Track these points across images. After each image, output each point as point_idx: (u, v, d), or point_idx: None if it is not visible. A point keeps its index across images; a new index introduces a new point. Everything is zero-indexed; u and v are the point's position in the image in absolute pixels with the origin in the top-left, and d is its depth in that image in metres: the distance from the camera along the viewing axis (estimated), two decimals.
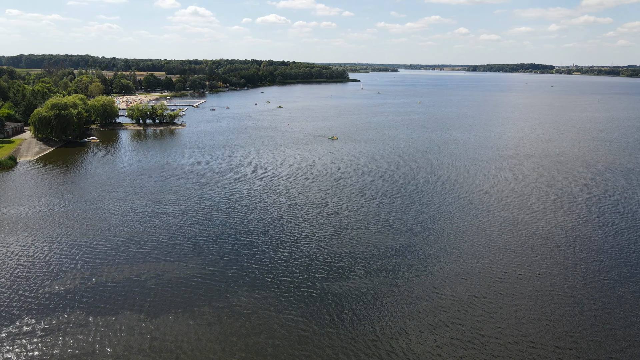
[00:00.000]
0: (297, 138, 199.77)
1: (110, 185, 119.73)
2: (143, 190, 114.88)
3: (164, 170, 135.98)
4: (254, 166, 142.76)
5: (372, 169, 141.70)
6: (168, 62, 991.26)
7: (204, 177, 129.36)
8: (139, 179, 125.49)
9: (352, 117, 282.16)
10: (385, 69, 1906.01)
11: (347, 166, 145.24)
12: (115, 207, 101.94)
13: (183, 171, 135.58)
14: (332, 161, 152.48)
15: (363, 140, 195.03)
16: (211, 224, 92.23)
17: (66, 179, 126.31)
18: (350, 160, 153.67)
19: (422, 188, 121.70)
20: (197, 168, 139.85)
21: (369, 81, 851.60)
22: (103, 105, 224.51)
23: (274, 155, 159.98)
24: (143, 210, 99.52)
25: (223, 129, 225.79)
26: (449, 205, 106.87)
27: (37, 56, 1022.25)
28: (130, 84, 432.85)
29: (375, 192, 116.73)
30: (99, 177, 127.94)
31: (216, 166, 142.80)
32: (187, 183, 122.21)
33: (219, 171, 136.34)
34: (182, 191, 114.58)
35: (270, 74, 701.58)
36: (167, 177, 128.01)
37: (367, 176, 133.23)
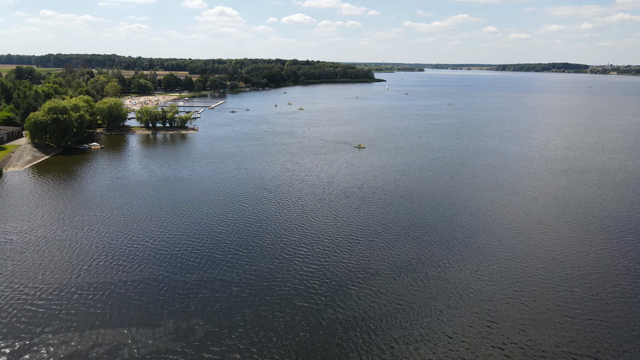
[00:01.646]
0: (316, 146, 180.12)
1: (95, 204, 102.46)
2: (126, 213, 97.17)
3: (159, 187, 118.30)
4: (262, 183, 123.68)
5: (400, 189, 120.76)
6: (192, 61, 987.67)
7: (201, 196, 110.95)
8: (125, 198, 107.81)
9: (378, 121, 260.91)
10: (411, 69, 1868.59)
11: (371, 184, 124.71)
12: (92, 234, 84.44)
13: (180, 188, 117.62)
14: (353, 176, 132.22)
15: (389, 150, 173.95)
16: (197, 262, 73.59)
17: (51, 195, 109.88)
18: (374, 176, 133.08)
19: (462, 216, 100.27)
20: (196, 185, 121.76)
21: (395, 81, 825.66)
22: (110, 107, 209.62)
23: (287, 168, 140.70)
24: (122, 239, 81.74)
25: (237, 134, 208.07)
26: (498, 241, 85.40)
27: (65, 55, 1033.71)
28: (149, 84, 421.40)
29: (404, 222, 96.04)
30: (85, 194, 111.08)
31: (219, 182, 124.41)
32: (180, 204, 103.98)
33: (221, 188, 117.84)
34: (170, 215, 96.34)
35: (294, 74, 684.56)
36: (159, 197, 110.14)
37: (394, 198, 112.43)
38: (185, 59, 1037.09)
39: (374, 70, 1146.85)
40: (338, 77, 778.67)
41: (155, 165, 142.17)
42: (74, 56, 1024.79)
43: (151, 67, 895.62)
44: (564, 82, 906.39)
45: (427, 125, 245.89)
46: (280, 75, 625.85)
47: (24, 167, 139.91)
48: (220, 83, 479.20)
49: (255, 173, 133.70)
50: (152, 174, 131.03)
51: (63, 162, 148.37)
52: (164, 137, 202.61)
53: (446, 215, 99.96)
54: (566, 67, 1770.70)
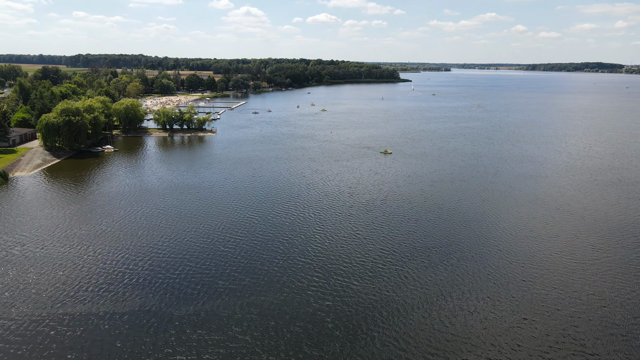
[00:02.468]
0: (337, 151, 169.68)
1: (94, 216, 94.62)
2: (126, 227, 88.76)
3: (165, 196, 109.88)
4: (276, 194, 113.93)
5: (428, 202, 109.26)
6: (217, 61, 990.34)
7: (209, 209, 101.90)
8: (128, 209, 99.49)
9: (403, 124, 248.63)
10: (437, 69, 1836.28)
11: (396, 196, 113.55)
12: (83, 252, 76.22)
13: (188, 198, 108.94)
14: (376, 187, 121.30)
15: (416, 156, 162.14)
16: (196, 291, 64.31)
17: (52, 204, 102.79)
18: (399, 187, 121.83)
19: (500, 238, 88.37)
20: (206, 195, 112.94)
21: (421, 81, 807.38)
22: (126, 108, 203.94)
23: (305, 176, 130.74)
24: (116, 259, 73.19)
25: (255, 136, 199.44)
26: (545, 272, 73.46)
27: (93, 56, 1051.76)
28: (172, 84, 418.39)
29: (433, 242, 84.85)
30: (87, 203, 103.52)
31: (230, 192, 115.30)
32: (186, 217, 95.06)
33: (231, 200, 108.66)
34: (173, 229, 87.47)
35: (318, 74, 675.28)
36: (164, 207, 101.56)
37: (422, 214, 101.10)
38: (210, 59, 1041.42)
39: (399, 70, 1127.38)
40: (362, 77, 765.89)
41: (166, 172, 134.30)
42: (102, 56, 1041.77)
43: (176, 67, 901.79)
44: (599, 82, 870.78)
45: (455, 129, 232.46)
46: (304, 75, 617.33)
47: (32, 171, 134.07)
48: (242, 83, 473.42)
49: (270, 182, 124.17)
50: (160, 181, 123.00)
51: (73, 166, 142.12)
52: (181, 140, 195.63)
53: (481, 235, 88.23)
54: (600, 67, 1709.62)
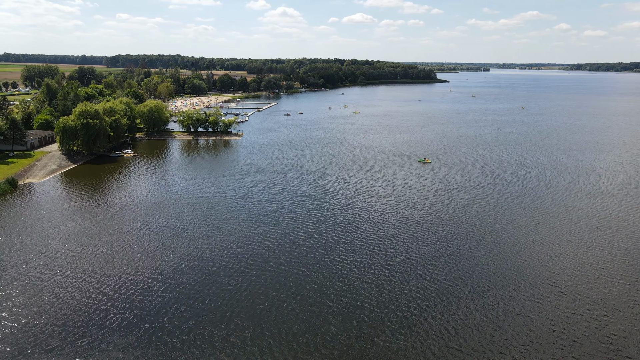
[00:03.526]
0: (369, 159, 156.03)
1: (97, 232, 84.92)
2: (127, 246, 78.38)
3: (176, 211, 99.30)
4: (297, 209, 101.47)
5: (472, 225, 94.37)
6: (251, 61, 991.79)
7: (222, 225, 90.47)
8: (134, 224, 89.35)
9: (441, 129, 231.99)
10: (475, 69, 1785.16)
11: (433, 216, 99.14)
12: (74, 275, 66.10)
13: (201, 213, 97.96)
14: (410, 204, 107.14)
15: (456, 166, 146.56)
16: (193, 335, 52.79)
17: (55, 215, 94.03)
18: (436, 204, 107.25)
19: (560, 275, 73.00)
20: (221, 209, 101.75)
21: (459, 82, 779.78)
22: (150, 110, 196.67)
23: (331, 190, 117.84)
24: (112, 284, 62.66)
25: (282, 141, 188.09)
26: (627, 324, 58.17)
27: (132, 56, 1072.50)
28: (203, 85, 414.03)
29: (478, 279, 70.44)
30: (91, 217, 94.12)
31: (248, 206, 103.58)
32: (196, 233, 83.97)
33: (248, 216, 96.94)
34: (181, 249, 76.40)
35: (352, 74, 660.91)
36: (172, 223, 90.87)
37: (464, 241, 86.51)
38: (245, 59, 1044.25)
39: (436, 70, 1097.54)
40: (398, 78, 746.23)
41: (182, 181, 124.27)
42: (141, 56, 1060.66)
43: (211, 66, 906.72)
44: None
45: (498, 135, 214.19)
46: (338, 76, 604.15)
47: (44, 178, 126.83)
48: (275, 83, 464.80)
49: (291, 196, 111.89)
50: (174, 192, 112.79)
51: (88, 172, 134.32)
52: (205, 144, 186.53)
53: (537, 269, 73.11)
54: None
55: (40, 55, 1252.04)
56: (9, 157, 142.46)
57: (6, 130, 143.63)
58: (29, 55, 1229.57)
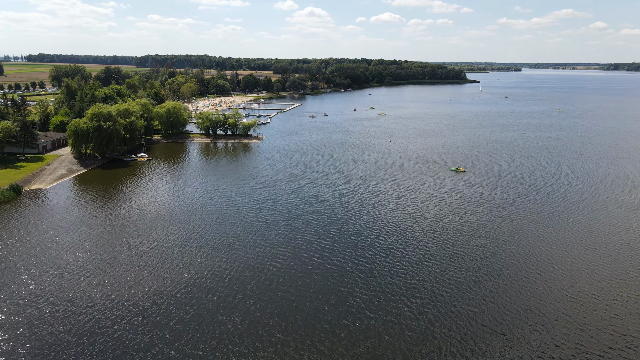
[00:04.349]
0: (395, 166, 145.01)
1: (91, 247, 77.21)
2: (122, 266, 70.23)
3: (181, 224, 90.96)
4: (309, 228, 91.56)
5: (513, 250, 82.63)
6: (278, 61, 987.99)
7: (225, 243, 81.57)
8: (136, 239, 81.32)
9: (472, 132, 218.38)
10: (506, 69, 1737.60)
11: (466, 238, 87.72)
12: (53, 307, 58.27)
13: (207, 227, 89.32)
14: (440, 221, 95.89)
15: (490, 176, 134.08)
16: None
17: (53, 227, 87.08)
18: (469, 222, 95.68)
19: (629, 324, 61.04)
20: (229, 223, 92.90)
21: (489, 82, 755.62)
22: (168, 112, 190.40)
23: (351, 202, 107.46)
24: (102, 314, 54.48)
25: (303, 145, 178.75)
26: None
27: (161, 56, 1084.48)
28: (227, 85, 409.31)
29: (517, 316, 59.16)
30: (89, 230, 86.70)
31: (258, 221, 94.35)
32: (198, 251, 75.33)
33: (255, 232, 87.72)
34: (180, 270, 67.80)
35: (379, 74, 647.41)
36: (174, 238, 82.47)
37: (505, 269, 74.99)
38: (272, 59, 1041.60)
39: (466, 70, 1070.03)
40: (426, 78, 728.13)
41: (191, 189, 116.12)
42: (169, 57, 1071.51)
43: (238, 67, 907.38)
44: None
45: (535, 140, 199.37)
46: (365, 76, 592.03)
47: (51, 184, 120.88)
48: (299, 84, 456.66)
49: (308, 208, 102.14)
50: (181, 203, 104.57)
51: (98, 178, 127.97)
52: (224, 147, 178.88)
53: (595, 315, 61.30)
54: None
55: (73, 56, 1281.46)
56: (19, 161, 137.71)
57: (16, 133, 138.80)
58: (63, 56, 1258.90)
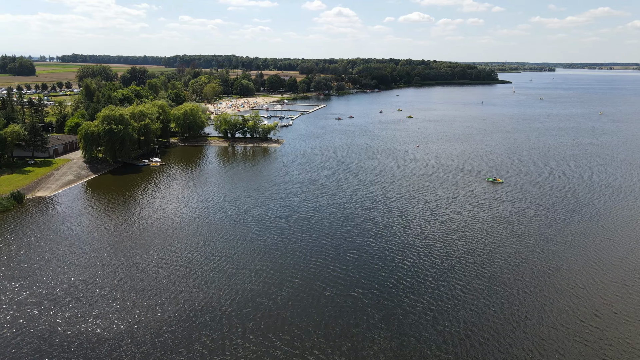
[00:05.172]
0: (423, 175, 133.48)
1: (90, 265, 69.23)
2: (138, 275, 61.88)
3: (187, 236, 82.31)
4: (323, 249, 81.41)
5: (561, 282, 70.59)
6: (304, 61, 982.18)
7: (225, 265, 72.33)
8: (132, 253, 73.07)
9: (507, 138, 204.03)
10: (539, 69, 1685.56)
11: (505, 266, 76.02)
12: None
13: (212, 242, 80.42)
14: (474, 245, 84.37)
15: (529, 188, 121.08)
16: None
17: (52, 240, 79.87)
18: (512, 247, 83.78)
19: None
20: (235, 238, 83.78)
21: (522, 83, 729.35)
22: (185, 114, 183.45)
23: (372, 218, 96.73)
24: None
25: (325, 150, 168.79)
26: None
27: (189, 56, 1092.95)
28: (251, 85, 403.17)
29: None
30: (91, 244, 79.03)
31: (268, 237, 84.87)
32: (188, 275, 66.42)
33: (260, 255, 78.21)
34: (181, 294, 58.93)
35: (407, 74, 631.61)
36: (175, 255, 73.75)
37: (553, 305, 63.19)
38: (298, 59, 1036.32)
39: (497, 70, 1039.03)
40: (456, 78, 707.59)
41: (200, 199, 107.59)
42: (197, 57, 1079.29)
43: (265, 66, 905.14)
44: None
45: (576, 146, 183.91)
46: (392, 76, 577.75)
47: (56, 191, 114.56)
48: (325, 84, 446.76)
49: (324, 224, 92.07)
50: (187, 214, 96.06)
51: (105, 185, 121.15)
52: (242, 151, 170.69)
53: None
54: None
55: (105, 56, 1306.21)
56: (28, 165, 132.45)
57: (25, 136, 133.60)
58: (96, 56, 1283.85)
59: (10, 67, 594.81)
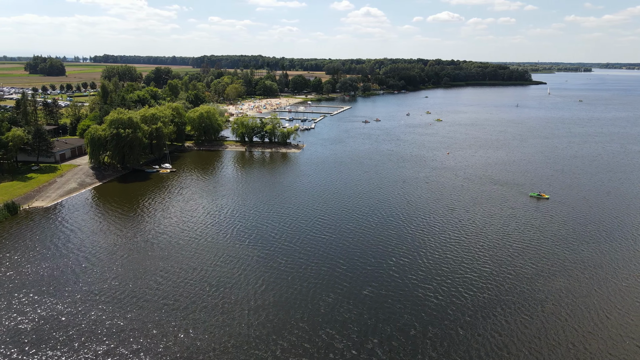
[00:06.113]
0: (454, 188, 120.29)
1: (69, 288, 60.00)
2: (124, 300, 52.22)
3: (179, 256, 72.21)
4: (335, 280, 69.79)
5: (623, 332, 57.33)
6: (330, 61, 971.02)
7: (221, 297, 61.68)
8: (116, 281, 63.48)
9: (545, 144, 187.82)
10: (575, 69, 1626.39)
11: (558, 317, 63.02)
12: None
13: (209, 264, 70.02)
14: (515, 281, 71.41)
15: (577, 205, 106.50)
16: None
17: (27, 259, 71.22)
18: (563, 287, 70.55)
19: None
20: (237, 259, 73.19)
21: (558, 84, 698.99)
22: (200, 117, 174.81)
23: (391, 243, 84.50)
24: None
25: (346, 157, 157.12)
26: None
27: (216, 57, 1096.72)
28: (274, 86, 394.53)
29: None
30: (69, 267, 69.91)
31: (273, 263, 73.90)
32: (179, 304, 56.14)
33: (261, 285, 67.28)
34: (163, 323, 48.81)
35: (435, 75, 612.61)
36: (165, 281, 63.69)
37: None
38: (325, 59, 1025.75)
39: (530, 70, 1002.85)
40: (487, 79, 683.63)
41: (204, 213, 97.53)
42: (224, 57, 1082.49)
43: (291, 67, 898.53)
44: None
45: (626, 155, 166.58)
46: (420, 77, 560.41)
47: (55, 201, 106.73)
48: (350, 85, 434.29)
49: (337, 249, 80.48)
50: (188, 231, 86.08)
51: (110, 194, 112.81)
52: (259, 157, 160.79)
53: None
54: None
55: (135, 57, 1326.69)
56: (31, 171, 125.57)
57: (29, 140, 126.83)
58: (127, 57, 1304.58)
59: (41, 67, 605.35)
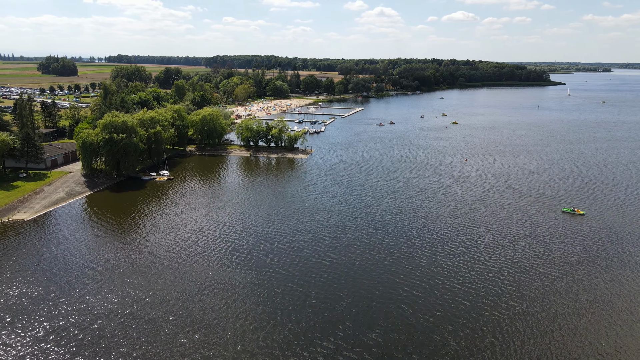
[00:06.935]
0: (472, 201, 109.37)
1: (34, 318, 51.22)
2: None
3: (167, 276, 62.99)
4: (330, 325, 59.96)
5: None
6: (344, 61, 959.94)
7: (206, 333, 52.28)
8: (88, 309, 54.60)
9: (570, 150, 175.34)
10: (593, 69, 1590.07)
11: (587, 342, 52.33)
12: None
13: (197, 290, 60.70)
14: (549, 322, 60.84)
15: (613, 223, 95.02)
16: None
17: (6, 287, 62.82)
18: (610, 329, 59.83)
19: None
20: (227, 284, 63.67)
21: (577, 84, 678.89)
22: (202, 120, 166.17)
23: (401, 268, 74.14)
24: None
25: (356, 164, 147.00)
26: None
27: (229, 57, 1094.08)
28: (285, 86, 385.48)
29: None
30: (44, 289, 61.26)
31: (267, 292, 64.27)
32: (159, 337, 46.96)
33: (253, 319, 57.67)
34: None
35: (450, 75, 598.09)
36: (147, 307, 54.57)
37: None
38: (338, 59, 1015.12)
39: (547, 70, 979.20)
40: (503, 80, 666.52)
41: (197, 227, 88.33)
42: (237, 57, 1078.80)
43: (304, 67, 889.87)
44: None
45: None
46: (435, 77, 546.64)
47: (39, 213, 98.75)
48: (363, 85, 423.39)
49: (337, 275, 70.43)
50: (175, 249, 76.89)
51: (98, 205, 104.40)
52: (264, 163, 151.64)
53: None
54: None
55: (149, 57, 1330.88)
56: (18, 179, 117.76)
57: (17, 145, 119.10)
58: (140, 57, 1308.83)
59: (53, 68, 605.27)
